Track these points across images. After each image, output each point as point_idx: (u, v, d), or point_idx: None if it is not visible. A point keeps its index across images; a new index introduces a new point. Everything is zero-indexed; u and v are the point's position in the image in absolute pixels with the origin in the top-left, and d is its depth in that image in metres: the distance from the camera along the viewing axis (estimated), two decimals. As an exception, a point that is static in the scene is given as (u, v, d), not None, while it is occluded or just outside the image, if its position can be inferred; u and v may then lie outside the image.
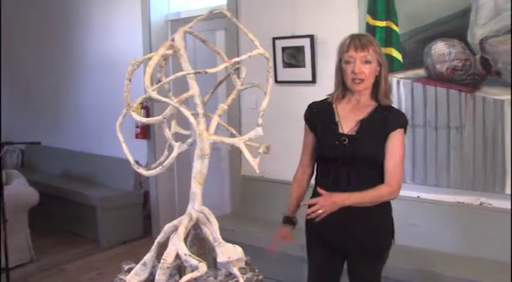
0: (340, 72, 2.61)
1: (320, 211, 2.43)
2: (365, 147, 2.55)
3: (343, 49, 2.56)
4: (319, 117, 2.70)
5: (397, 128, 2.56)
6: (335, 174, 2.59)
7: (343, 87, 2.62)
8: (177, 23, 5.52)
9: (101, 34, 6.29)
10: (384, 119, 2.56)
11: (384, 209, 2.63)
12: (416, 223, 3.78)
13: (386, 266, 2.75)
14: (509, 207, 3.48)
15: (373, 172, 2.57)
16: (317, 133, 2.70)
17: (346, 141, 2.56)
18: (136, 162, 2.04)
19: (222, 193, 5.51)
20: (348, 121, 2.60)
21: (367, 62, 2.51)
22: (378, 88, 2.58)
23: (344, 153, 2.55)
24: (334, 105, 2.65)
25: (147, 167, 2.10)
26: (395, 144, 2.55)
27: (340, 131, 2.60)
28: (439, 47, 3.65)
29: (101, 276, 4.81)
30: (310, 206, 2.47)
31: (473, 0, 3.48)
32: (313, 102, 2.78)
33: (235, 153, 4.93)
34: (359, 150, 2.54)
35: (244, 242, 3.58)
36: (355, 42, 2.53)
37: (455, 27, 3.58)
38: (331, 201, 2.45)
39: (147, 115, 5.58)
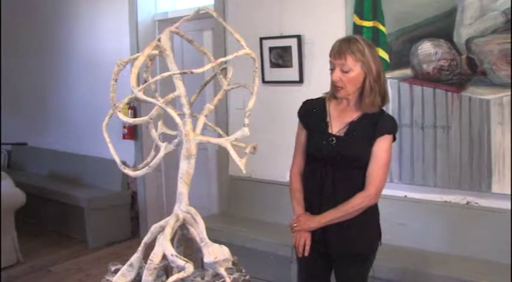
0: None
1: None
2: (351, 149, 2.55)
3: (330, 54, 2.56)
4: (311, 115, 2.70)
5: (385, 133, 2.55)
6: (321, 174, 2.62)
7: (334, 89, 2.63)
8: (164, 23, 5.51)
9: (88, 34, 6.27)
10: (373, 124, 2.56)
11: (368, 213, 2.62)
12: (403, 222, 3.79)
13: (374, 265, 2.76)
14: (495, 205, 3.52)
15: (359, 174, 2.57)
16: (308, 131, 2.71)
17: (334, 141, 2.58)
18: (124, 163, 2.03)
19: (210, 193, 5.50)
20: (338, 122, 2.61)
21: (346, 70, 2.48)
22: (362, 97, 2.55)
23: (331, 153, 2.57)
24: (327, 104, 2.66)
25: (135, 167, 2.09)
26: (381, 149, 2.55)
27: (330, 131, 2.61)
28: (426, 47, 3.66)
29: (88, 277, 4.79)
30: None
31: (459, 1, 3.50)
32: (308, 100, 2.79)
33: (222, 153, 4.93)
34: (345, 152, 2.55)
35: (231, 242, 3.60)
36: (335, 48, 2.52)
37: (441, 28, 3.60)
38: (301, 227, 2.61)
39: (135, 115, 5.56)
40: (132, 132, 5.77)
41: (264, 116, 4.43)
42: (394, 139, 2.62)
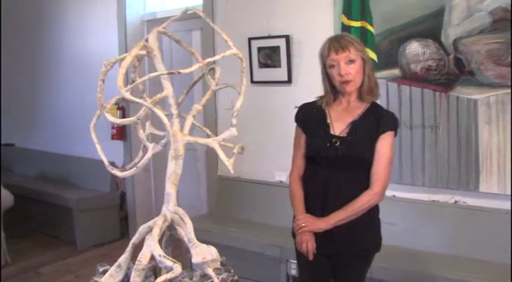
0: (327, 77, 2.60)
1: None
2: (357, 148, 2.54)
3: (325, 54, 2.55)
4: (310, 118, 2.68)
5: (388, 130, 2.55)
6: (325, 177, 2.58)
7: (333, 90, 2.60)
8: (152, 23, 5.50)
9: (76, 34, 6.25)
10: (376, 121, 2.55)
11: (372, 211, 2.60)
12: (392, 222, 3.79)
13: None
14: (483, 205, 3.54)
15: (363, 175, 2.56)
16: (308, 135, 2.68)
17: (338, 143, 2.55)
18: (112, 164, 2.03)
19: (199, 193, 5.50)
20: (339, 123, 2.59)
21: (351, 61, 2.50)
22: (361, 86, 2.57)
23: (336, 155, 2.54)
24: (325, 109, 2.64)
25: (123, 168, 2.09)
26: (385, 146, 2.54)
27: (332, 132, 2.58)
28: (414, 47, 3.68)
29: (77, 278, 4.77)
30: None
31: (446, 1, 3.52)
32: (305, 104, 2.77)
33: (211, 153, 4.92)
34: (351, 152, 2.53)
35: (220, 242, 3.60)
36: (334, 45, 2.52)
37: (429, 28, 3.61)
38: (310, 228, 2.55)
39: (123, 116, 5.54)
40: (121, 133, 5.75)
41: (252, 116, 4.43)
42: (395, 135, 2.61)
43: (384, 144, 2.54)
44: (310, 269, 2.75)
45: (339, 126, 2.59)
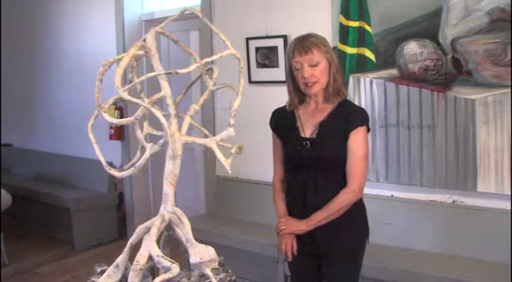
0: (291, 78, 2.61)
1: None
2: (326, 149, 2.54)
3: (290, 55, 2.56)
4: (282, 123, 2.71)
5: (358, 126, 2.53)
6: (302, 180, 2.60)
7: (298, 92, 2.62)
8: (151, 23, 5.49)
9: (74, 35, 6.24)
10: (344, 119, 2.54)
11: (353, 209, 2.59)
12: (389, 222, 3.81)
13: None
14: (481, 204, 3.54)
15: (340, 174, 2.56)
16: (282, 140, 2.71)
17: (308, 145, 2.56)
18: (111, 164, 2.03)
19: (197, 193, 5.50)
20: (309, 125, 2.60)
21: (315, 64, 2.49)
22: (327, 87, 2.56)
23: (307, 157, 2.56)
24: (295, 111, 2.66)
25: (121, 168, 2.08)
26: (356, 143, 2.53)
27: (302, 135, 2.60)
28: (411, 47, 3.68)
29: (75, 279, 4.77)
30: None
31: (444, 1, 3.52)
32: (277, 109, 2.80)
33: (209, 153, 4.92)
34: (321, 153, 2.54)
35: (218, 242, 3.60)
36: (298, 46, 2.53)
37: (427, 28, 3.61)
38: (290, 230, 2.60)
39: (121, 116, 5.54)
40: (119, 133, 5.75)
41: (251, 116, 4.43)
42: (368, 130, 2.60)
43: (355, 140, 2.52)
44: (296, 271, 2.80)
45: (308, 128, 2.60)
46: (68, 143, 6.37)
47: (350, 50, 3.83)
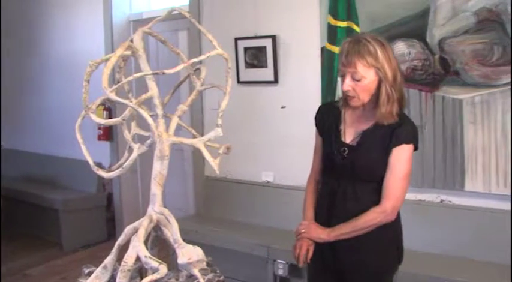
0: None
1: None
2: (363, 160, 2.32)
3: (339, 57, 2.33)
4: (326, 121, 2.48)
5: (402, 143, 2.28)
6: (332, 186, 2.42)
7: None
8: (139, 23, 5.48)
9: (62, 35, 6.21)
10: (390, 133, 2.28)
11: (384, 231, 2.36)
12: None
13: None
14: (468, 203, 3.56)
15: (372, 188, 2.34)
16: (323, 138, 2.50)
17: (346, 151, 2.36)
18: (99, 164, 2.02)
19: (186, 194, 5.49)
20: (351, 130, 2.39)
21: (358, 79, 2.22)
22: (378, 107, 2.26)
23: (342, 164, 2.36)
24: (342, 110, 2.43)
25: (109, 168, 2.08)
26: (398, 161, 2.28)
27: (342, 139, 2.39)
28: (399, 47, 3.69)
29: (64, 280, 4.75)
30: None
31: (432, 1, 3.54)
32: (323, 105, 2.64)
33: (198, 154, 4.86)
34: (357, 162, 2.33)
35: (207, 242, 3.60)
36: (343, 53, 2.26)
37: (414, 28, 3.63)
38: (310, 236, 2.40)
39: (110, 116, 5.53)
40: (107, 134, 5.73)
41: (239, 117, 4.44)
42: (415, 148, 2.36)
43: (398, 158, 2.28)
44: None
45: (351, 133, 2.39)
46: (56, 144, 6.33)
47: (338, 50, 3.83)
